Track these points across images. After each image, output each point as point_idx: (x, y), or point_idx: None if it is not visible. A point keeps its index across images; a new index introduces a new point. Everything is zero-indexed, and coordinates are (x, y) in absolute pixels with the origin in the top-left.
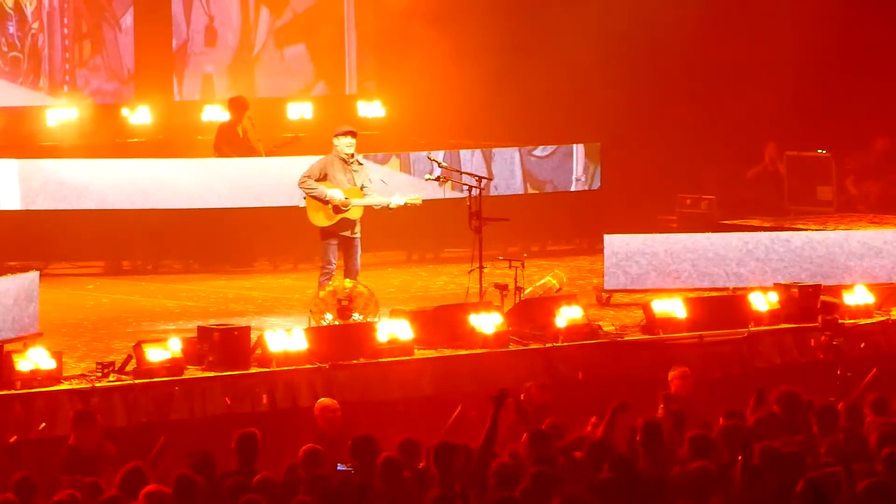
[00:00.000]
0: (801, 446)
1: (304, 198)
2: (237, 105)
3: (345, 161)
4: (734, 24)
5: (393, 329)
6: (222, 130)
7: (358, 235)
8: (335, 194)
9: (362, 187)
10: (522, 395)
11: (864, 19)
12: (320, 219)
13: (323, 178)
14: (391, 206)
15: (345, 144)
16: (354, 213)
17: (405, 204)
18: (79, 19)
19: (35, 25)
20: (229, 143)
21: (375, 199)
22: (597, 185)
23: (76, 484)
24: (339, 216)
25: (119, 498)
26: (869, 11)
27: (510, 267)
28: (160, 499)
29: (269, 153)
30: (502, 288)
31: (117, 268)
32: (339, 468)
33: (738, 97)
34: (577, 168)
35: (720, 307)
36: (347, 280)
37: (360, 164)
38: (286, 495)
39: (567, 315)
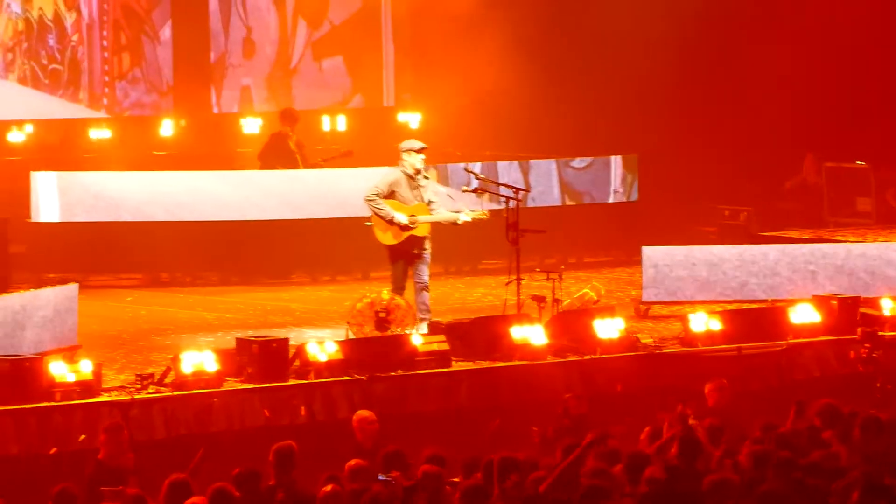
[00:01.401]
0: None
1: (371, 215)
2: (289, 116)
3: (411, 177)
4: (773, 35)
5: (431, 341)
6: (272, 140)
7: (428, 251)
8: (400, 217)
9: (429, 203)
10: (561, 407)
11: None
12: (388, 237)
13: (390, 194)
14: (458, 222)
15: (416, 160)
16: (422, 231)
17: (472, 220)
18: (118, 32)
19: (75, 38)
20: (278, 153)
21: (442, 215)
22: (634, 196)
23: (119, 495)
24: (407, 234)
25: None
26: None
27: (548, 279)
28: None
29: (315, 165)
30: (540, 300)
31: (156, 280)
32: (380, 478)
33: (777, 108)
34: (615, 179)
35: (759, 319)
36: (385, 291)
37: (427, 178)
38: None
39: (605, 327)
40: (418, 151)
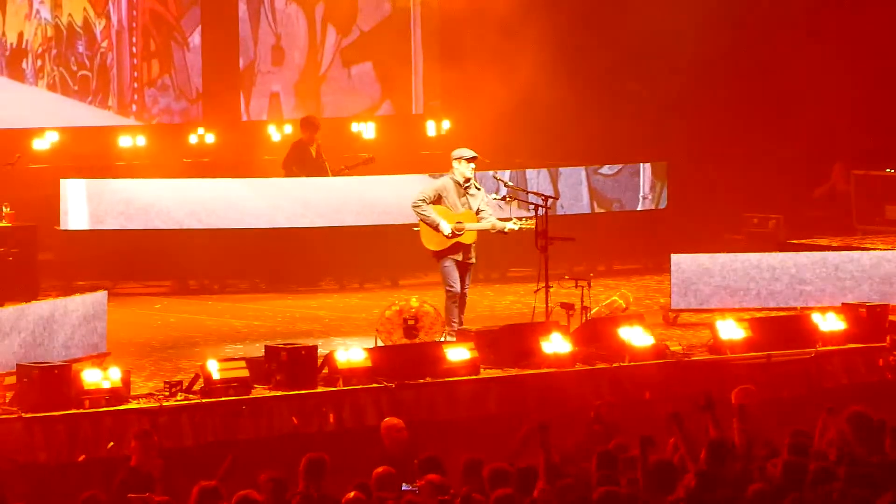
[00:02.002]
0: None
1: (419, 221)
2: (309, 124)
3: (460, 184)
4: (801, 44)
5: (459, 348)
6: (294, 149)
7: (473, 260)
8: (444, 226)
9: (478, 211)
10: (593, 413)
11: None
12: (434, 243)
13: (437, 200)
14: (506, 230)
15: (466, 169)
16: (468, 238)
17: (519, 229)
18: (147, 38)
19: (104, 44)
20: (300, 161)
21: (489, 222)
22: (664, 204)
23: (146, 502)
24: (453, 240)
25: None
26: None
27: (576, 286)
28: None
29: (339, 173)
30: (569, 307)
31: (184, 287)
32: (404, 488)
33: (805, 115)
34: (644, 187)
35: (787, 327)
36: (414, 299)
37: (478, 188)
38: None
39: (634, 335)
40: (469, 160)
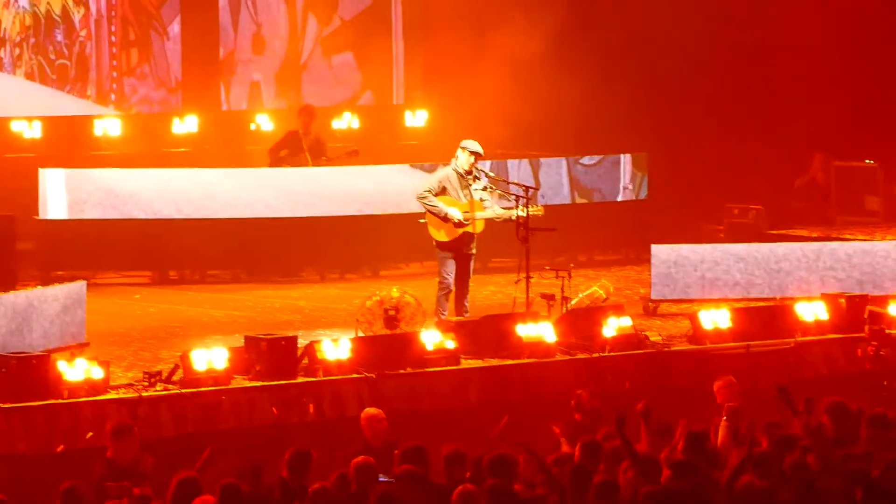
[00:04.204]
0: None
1: (425, 213)
2: (305, 113)
3: (462, 175)
4: (782, 35)
5: (439, 339)
6: (287, 137)
7: (474, 252)
8: (454, 212)
9: (481, 200)
10: (574, 402)
11: None
12: (442, 234)
13: (441, 191)
14: (513, 217)
15: (465, 161)
16: (476, 227)
17: (528, 216)
18: (126, 27)
19: (83, 33)
20: (289, 150)
21: (497, 211)
22: (644, 194)
23: (124, 492)
24: (461, 231)
25: None
26: None
27: (557, 277)
28: None
29: (321, 164)
30: (549, 298)
31: (164, 277)
32: (380, 479)
33: (786, 107)
34: (625, 177)
35: (767, 317)
36: (395, 289)
37: (477, 178)
38: None
39: (614, 325)
40: (472, 153)
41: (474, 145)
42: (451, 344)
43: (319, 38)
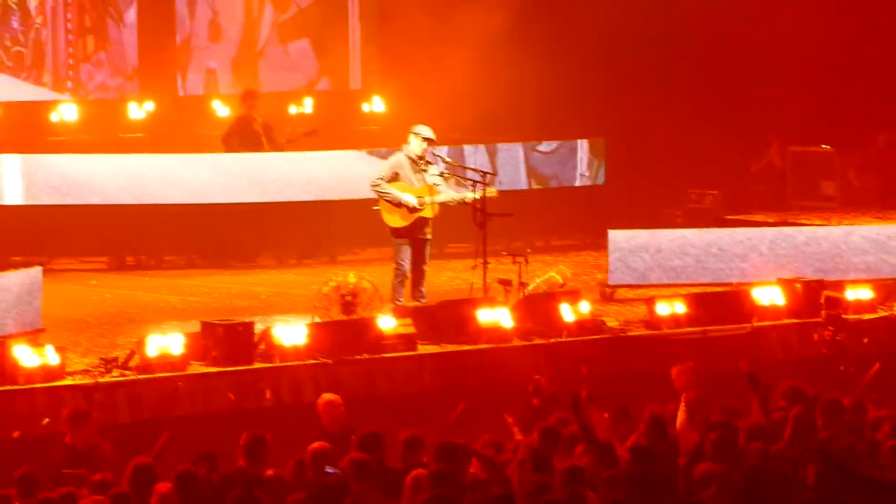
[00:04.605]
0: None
1: (378, 201)
2: (248, 96)
3: (414, 161)
4: (739, 20)
5: (396, 324)
6: (237, 122)
7: (429, 237)
8: (408, 198)
9: (435, 185)
10: (531, 388)
11: (866, 15)
12: (396, 220)
13: (394, 178)
14: (467, 200)
15: (417, 146)
16: (429, 212)
17: (483, 198)
18: (82, 14)
19: (39, 20)
20: (242, 136)
21: (450, 195)
22: (601, 180)
23: (80, 479)
24: (416, 216)
25: (129, 495)
26: (871, 8)
27: (514, 262)
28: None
29: (280, 147)
30: (506, 283)
31: (121, 263)
32: (327, 471)
33: (743, 92)
34: (582, 163)
35: (724, 302)
36: (351, 275)
37: (430, 162)
38: (290, 493)
39: (571, 310)
40: (424, 139)
41: (426, 131)
42: (407, 329)
43: (276, 24)
